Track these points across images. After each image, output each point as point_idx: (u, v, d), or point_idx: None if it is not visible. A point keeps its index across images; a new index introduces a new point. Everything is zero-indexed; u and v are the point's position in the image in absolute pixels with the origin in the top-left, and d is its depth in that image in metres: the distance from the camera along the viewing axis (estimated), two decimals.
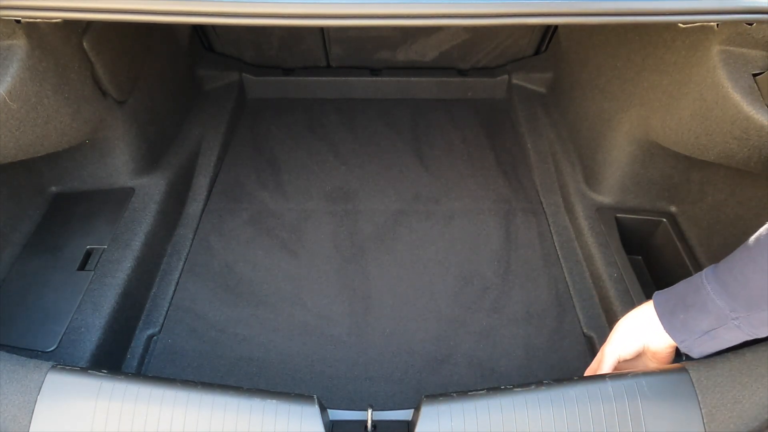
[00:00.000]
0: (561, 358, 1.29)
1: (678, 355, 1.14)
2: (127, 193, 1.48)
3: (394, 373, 1.27)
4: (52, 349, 1.14)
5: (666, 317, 0.87)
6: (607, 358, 0.95)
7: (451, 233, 1.59)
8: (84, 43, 1.22)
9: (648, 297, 1.31)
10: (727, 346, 0.84)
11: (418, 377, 1.27)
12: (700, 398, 0.82)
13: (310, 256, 1.52)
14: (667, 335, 0.86)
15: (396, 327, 1.36)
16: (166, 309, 1.37)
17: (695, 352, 0.85)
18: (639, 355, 0.94)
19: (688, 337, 0.84)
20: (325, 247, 1.55)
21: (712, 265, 0.84)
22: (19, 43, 1.05)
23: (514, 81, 2.06)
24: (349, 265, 1.50)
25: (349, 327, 1.36)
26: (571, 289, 1.43)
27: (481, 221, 1.63)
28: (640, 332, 0.91)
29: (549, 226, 1.61)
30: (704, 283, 0.82)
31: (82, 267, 1.30)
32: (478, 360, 1.30)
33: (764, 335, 0.80)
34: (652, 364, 0.94)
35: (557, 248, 1.54)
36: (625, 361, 0.95)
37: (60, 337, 1.16)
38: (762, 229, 0.79)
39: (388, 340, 1.33)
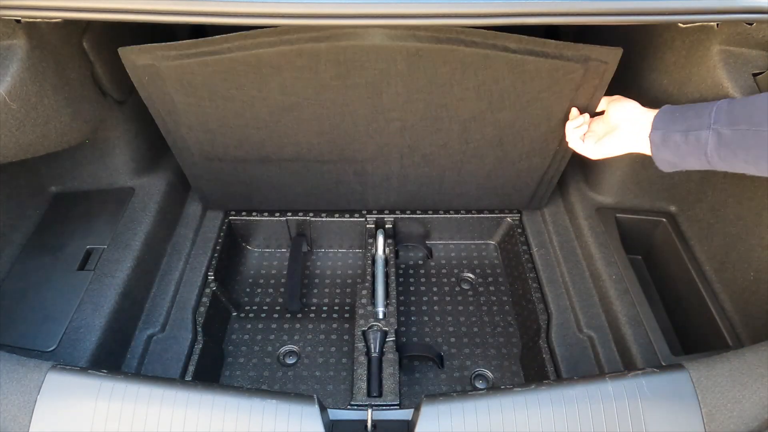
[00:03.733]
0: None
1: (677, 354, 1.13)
2: (127, 193, 1.48)
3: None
4: (52, 349, 1.14)
5: (663, 113, 0.97)
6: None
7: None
8: (84, 43, 1.22)
9: (648, 297, 1.33)
10: (682, 169, 0.94)
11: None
12: (700, 398, 0.82)
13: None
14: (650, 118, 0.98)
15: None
16: (166, 309, 1.37)
17: (656, 154, 0.96)
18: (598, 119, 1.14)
19: (663, 126, 0.94)
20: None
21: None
22: (19, 43, 1.05)
23: None
24: None
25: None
26: (571, 289, 1.43)
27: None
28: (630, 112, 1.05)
29: (549, 226, 1.61)
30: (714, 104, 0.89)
31: (82, 267, 1.30)
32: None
33: (720, 166, 0.89)
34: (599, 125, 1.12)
35: (557, 248, 1.54)
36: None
37: (60, 337, 1.16)
38: None
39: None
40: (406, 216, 1.57)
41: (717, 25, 1.04)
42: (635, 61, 1.36)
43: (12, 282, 1.27)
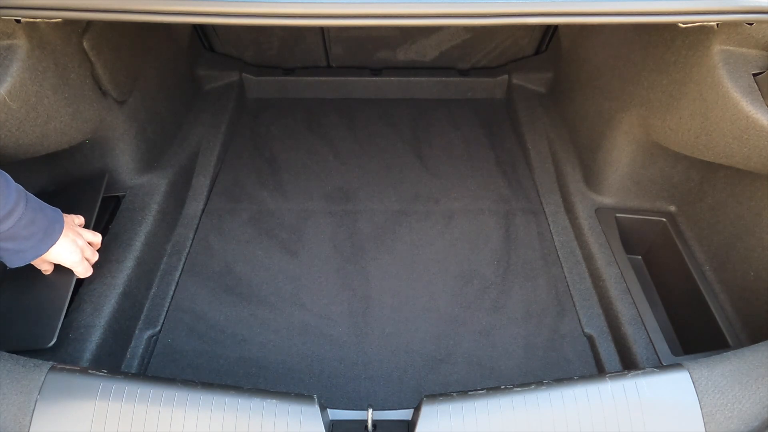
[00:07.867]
0: (561, 358, 1.29)
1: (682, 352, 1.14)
2: (99, 178, 1.42)
3: (393, 373, 1.27)
4: (52, 344, 1.12)
5: None
6: None
7: (450, 233, 1.59)
8: (84, 43, 1.22)
9: (648, 297, 1.33)
10: None
11: (418, 377, 1.26)
12: (700, 398, 0.82)
13: (309, 256, 1.52)
14: None
15: (396, 326, 1.36)
16: (166, 309, 1.37)
17: None
18: None
19: None
20: (324, 247, 1.55)
21: None
22: (19, 43, 1.05)
23: (514, 81, 2.07)
24: (349, 265, 1.50)
25: (349, 327, 1.36)
26: (571, 288, 1.43)
27: (481, 221, 1.63)
28: None
29: (549, 226, 1.61)
30: None
31: None
32: (478, 359, 1.30)
33: None
34: None
35: (557, 248, 1.54)
36: None
37: (57, 332, 1.14)
38: None
39: (388, 339, 1.33)
40: None
41: (717, 25, 1.04)
42: (635, 61, 1.36)
43: (9, 283, 1.26)
